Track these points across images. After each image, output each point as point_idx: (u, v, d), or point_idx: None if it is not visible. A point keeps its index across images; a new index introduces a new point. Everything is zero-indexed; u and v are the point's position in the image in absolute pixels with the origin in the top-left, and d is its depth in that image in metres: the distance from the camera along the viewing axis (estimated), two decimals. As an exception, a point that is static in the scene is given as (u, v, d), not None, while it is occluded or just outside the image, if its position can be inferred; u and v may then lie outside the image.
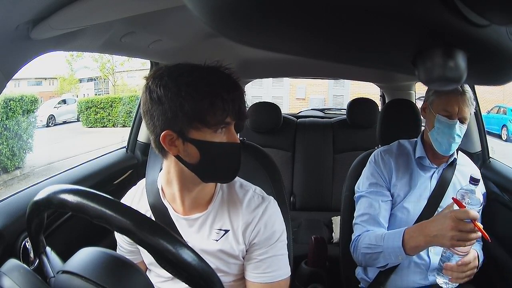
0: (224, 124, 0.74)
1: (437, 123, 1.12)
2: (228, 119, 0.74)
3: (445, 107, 1.10)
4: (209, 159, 0.75)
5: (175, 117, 0.71)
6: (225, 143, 0.75)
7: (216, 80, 0.73)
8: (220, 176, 0.79)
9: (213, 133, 0.73)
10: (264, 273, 0.81)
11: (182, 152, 0.74)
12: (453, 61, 0.25)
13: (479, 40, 0.26)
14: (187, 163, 0.75)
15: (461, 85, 1.07)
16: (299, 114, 2.89)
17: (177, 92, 0.70)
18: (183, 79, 0.71)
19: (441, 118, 1.11)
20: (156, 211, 0.83)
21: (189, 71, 0.73)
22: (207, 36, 1.23)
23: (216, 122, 0.72)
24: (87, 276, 0.52)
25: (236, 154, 0.78)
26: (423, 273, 1.14)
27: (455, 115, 1.10)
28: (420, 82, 0.28)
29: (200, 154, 0.74)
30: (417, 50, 0.27)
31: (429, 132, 1.15)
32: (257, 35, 0.29)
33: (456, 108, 1.09)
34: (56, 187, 0.55)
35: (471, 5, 0.23)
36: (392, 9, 0.23)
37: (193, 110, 0.70)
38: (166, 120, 0.71)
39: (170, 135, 0.72)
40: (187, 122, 0.71)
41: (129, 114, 9.70)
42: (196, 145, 0.73)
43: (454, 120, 1.10)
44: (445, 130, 1.11)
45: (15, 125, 6.15)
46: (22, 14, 0.67)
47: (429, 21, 0.24)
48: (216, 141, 0.74)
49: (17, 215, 0.91)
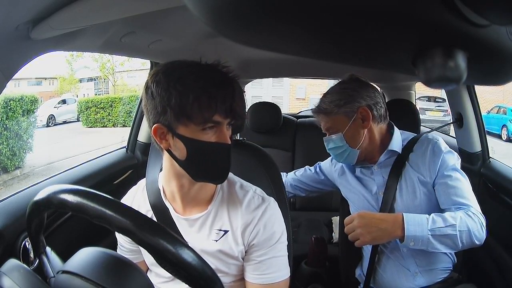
0: (212, 123, 0.72)
1: None
2: (217, 118, 0.72)
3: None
4: (196, 157, 0.74)
5: (164, 112, 0.71)
6: (213, 143, 0.74)
7: (206, 76, 0.72)
8: (209, 176, 0.78)
9: (201, 131, 0.72)
10: (263, 274, 0.81)
11: (172, 147, 0.75)
12: (453, 61, 0.25)
13: (479, 40, 0.26)
14: (177, 158, 0.76)
15: (318, 103, 1.15)
16: (299, 114, 2.89)
17: (166, 87, 0.70)
18: (174, 75, 0.71)
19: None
20: (157, 211, 0.83)
21: (182, 67, 0.73)
22: (207, 36, 1.23)
23: (203, 119, 0.71)
24: (87, 276, 0.52)
25: (225, 155, 0.76)
26: (406, 273, 1.11)
27: (325, 131, 1.16)
28: (420, 82, 0.28)
29: (187, 150, 0.73)
30: (417, 50, 0.27)
31: None
32: (257, 35, 0.29)
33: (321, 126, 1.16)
34: (56, 187, 0.55)
35: (471, 5, 0.23)
36: (392, 9, 0.23)
37: (179, 105, 0.70)
38: (156, 114, 0.72)
39: (160, 129, 0.73)
40: (175, 117, 0.71)
41: (129, 114, 9.71)
42: (183, 141, 0.73)
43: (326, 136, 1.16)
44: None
45: (15, 125, 6.15)
46: (22, 14, 0.67)
47: (429, 21, 0.24)
48: (203, 139, 0.73)
49: (17, 215, 0.91)
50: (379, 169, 1.16)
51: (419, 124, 1.37)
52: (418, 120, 1.37)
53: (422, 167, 1.09)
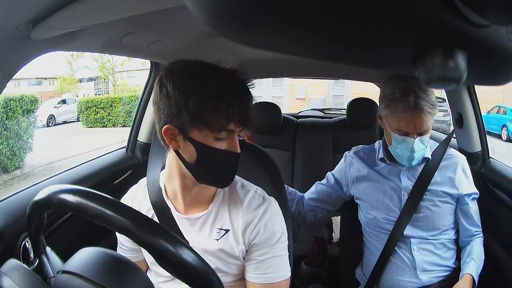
0: (227, 131, 0.73)
1: (395, 141, 1.09)
2: (232, 126, 0.73)
3: (399, 126, 1.06)
4: (205, 163, 0.75)
5: (179, 114, 0.71)
6: (224, 151, 0.74)
7: (225, 83, 0.72)
8: (213, 181, 0.79)
9: (214, 138, 0.72)
10: (264, 273, 0.81)
11: (181, 148, 0.75)
12: (453, 61, 0.25)
13: (479, 40, 0.26)
14: (185, 160, 0.76)
15: (415, 100, 1.02)
16: (299, 114, 2.89)
17: (184, 90, 0.70)
18: (192, 78, 0.71)
19: (398, 137, 1.07)
20: (158, 210, 0.83)
21: (201, 70, 0.73)
22: (207, 36, 1.23)
23: (219, 127, 0.71)
24: (87, 276, 0.51)
25: (233, 163, 0.77)
26: (411, 271, 1.14)
27: (413, 133, 1.06)
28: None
29: (197, 155, 0.74)
30: (417, 50, 0.27)
31: (389, 146, 1.13)
32: (257, 35, 0.29)
33: (412, 126, 1.05)
34: (56, 187, 0.55)
35: (471, 5, 0.23)
36: (392, 9, 0.23)
37: (196, 109, 0.70)
38: (170, 115, 0.72)
39: (172, 130, 0.73)
40: (190, 120, 0.71)
41: (129, 114, 9.71)
42: (195, 146, 0.73)
43: (412, 139, 1.06)
44: (403, 147, 1.07)
45: (15, 125, 6.15)
46: (22, 14, 0.67)
47: (429, 21, 0.24)
48: (215, 146, 0.73)
49: (17, 215, 0.91)
50: (407, 171, 1.17)
51: None
52: None
53: (450, 182, 1.14)
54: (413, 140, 1.06)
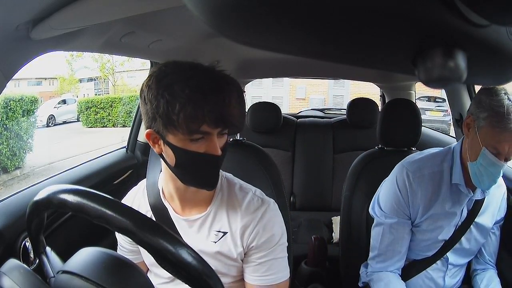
0: (200, 133, 0.69)
1: (482, 159, 0.94)
2: (205, 128, 0.69)
3: (497, 144, 0.91)
4: (184, 166, 0.74)
5: (154, 119, 0.70)
6: (201, 154, 0.71)
7: (195, 83, 0.67)
8: (197, 183, 0.77)
9: (189, 141, 0.70)
10: (263, 275, 0.81)
11: (164, 152, 0.75)
12: (453, 61, 0.25)
13: (479, 40, 0.26)
14: (167, 163, 0.76)
15: None
16: (299, 114, 2.90)
17: (155, 94, 0.68)
18: (163, 81, 0.68)
19: (489, 155, 0.92)
20: (156, 211, 0.83)
21: (172, 72, 0.70)
22: (207, 36, 1.23)
23: (189, 131, 0.68)
24: (87, 276, 0.51)
25: (213, 166, 0.75)
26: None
27: (504, 155, 0.92)
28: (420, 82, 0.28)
29: (175, 158, 0.73)
30: (417, 50, 0.27)
31: (470, 162, 0.97)
32: (258, 35, 0.29)
33: (506, 148, 0.91)
34: (56, 187, 0.55)
35: (471, 5, 0.23)
36: (392, 9, 0.23)
37: (165, 113, 0.67)
38: (148, 120, 0.72)
39: (153, 134, 0.73)
40: (163, 125, 0.69)
41: (129, 114, 9.71)
42: (173, 150, 0.72)
43: (501, 162, 0.92)
44: (490, 169, 0.93)
45: (15, 125, 6.15)
46: (22, 14, 0.67)
47: (429, 21, 0.24)
48: (191, 149, 0.71)
49: (17, 215, 0.91)
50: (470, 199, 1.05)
51: (420, 125, 1.36)
52: (419, 121, 1.35)
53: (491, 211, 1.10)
54: (502, 163, 0.93)
